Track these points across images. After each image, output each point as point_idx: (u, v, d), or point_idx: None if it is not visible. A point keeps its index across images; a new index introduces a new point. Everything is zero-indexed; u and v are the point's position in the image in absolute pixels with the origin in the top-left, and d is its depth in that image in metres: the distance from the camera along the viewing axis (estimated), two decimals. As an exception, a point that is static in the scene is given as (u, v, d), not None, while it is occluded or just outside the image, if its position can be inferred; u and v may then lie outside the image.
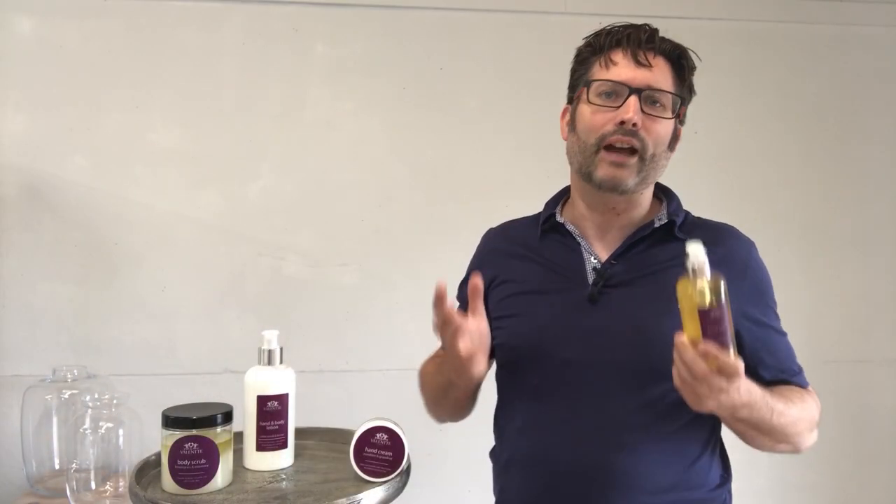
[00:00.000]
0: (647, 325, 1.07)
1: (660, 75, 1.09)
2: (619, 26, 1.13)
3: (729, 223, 1.20)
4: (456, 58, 2.07)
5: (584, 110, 1.11)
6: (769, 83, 2.19)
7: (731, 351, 0.91)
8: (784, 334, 1.17)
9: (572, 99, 1.17)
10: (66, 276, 1.91)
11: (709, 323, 0.90)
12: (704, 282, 0.90)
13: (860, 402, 2.24)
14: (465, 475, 1.97)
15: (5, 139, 1.90)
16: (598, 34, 1.14)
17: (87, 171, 1.92)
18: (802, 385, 1.15)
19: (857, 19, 2.22)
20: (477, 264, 1.26)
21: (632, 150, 1.08)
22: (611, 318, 1.09)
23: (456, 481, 2.01)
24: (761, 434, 1.05)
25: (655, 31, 1.12)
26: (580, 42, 1.17)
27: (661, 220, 1.14)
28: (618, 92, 1.08)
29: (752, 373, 1.12)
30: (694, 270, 0.91)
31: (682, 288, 0.92)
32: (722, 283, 0.91)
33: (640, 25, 1.12)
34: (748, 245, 1.16)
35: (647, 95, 1.07)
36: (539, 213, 1.24)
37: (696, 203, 1.23)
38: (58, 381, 1.75)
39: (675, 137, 1.15)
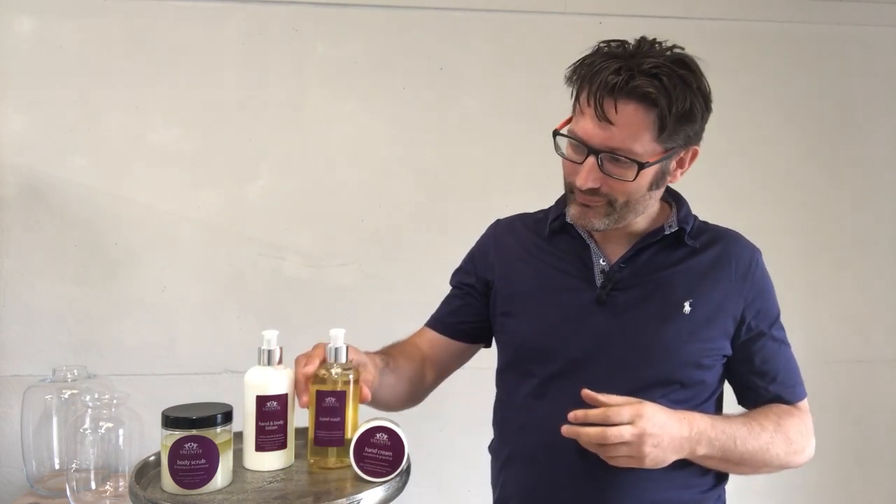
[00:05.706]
0: (649, 330, 1.09)
1: (626, 131, 0.99)
2: (595, 57, 1.02)
3: (733, 228, 1.20)
4: (456, 58, 2.07)
5: (564, 153, 1.09)
6: (769, 83, 2.19)
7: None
8: (789, 346, 1.17)
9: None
10: (66, 276, 1.91)
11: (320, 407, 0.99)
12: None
13: (860, 402, 2.24)
14: (466, 475, 1.97)
15: (5, 139, 1.90)
16: (580, 64, 1.05)
17: (88, 171, 1.92)
18: (795, 399, 1.15)
19: (857, 19, 2.22)
20: (482, 251, 1.26)
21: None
22: (617, 321, 1.10)
23: (456, 481, 2.01)
24: (734, 464, 1.08)
25: (632, 72, 0.97)
26: (580, 45, 1.08)
27: (672, 227, 1.14)
28: (581, 147, 1.04)
29: (753, 387, 1.14)
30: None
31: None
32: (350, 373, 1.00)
33: (617, 63, 0.99)
34: (752, 250, 1.16)
35: (606, 156, 1.02)
36: (548, 210, 1.23)
37: (697, 203, 1.23)
38: (58, 381, 1.75)
39: (663, 175, 1.08)
